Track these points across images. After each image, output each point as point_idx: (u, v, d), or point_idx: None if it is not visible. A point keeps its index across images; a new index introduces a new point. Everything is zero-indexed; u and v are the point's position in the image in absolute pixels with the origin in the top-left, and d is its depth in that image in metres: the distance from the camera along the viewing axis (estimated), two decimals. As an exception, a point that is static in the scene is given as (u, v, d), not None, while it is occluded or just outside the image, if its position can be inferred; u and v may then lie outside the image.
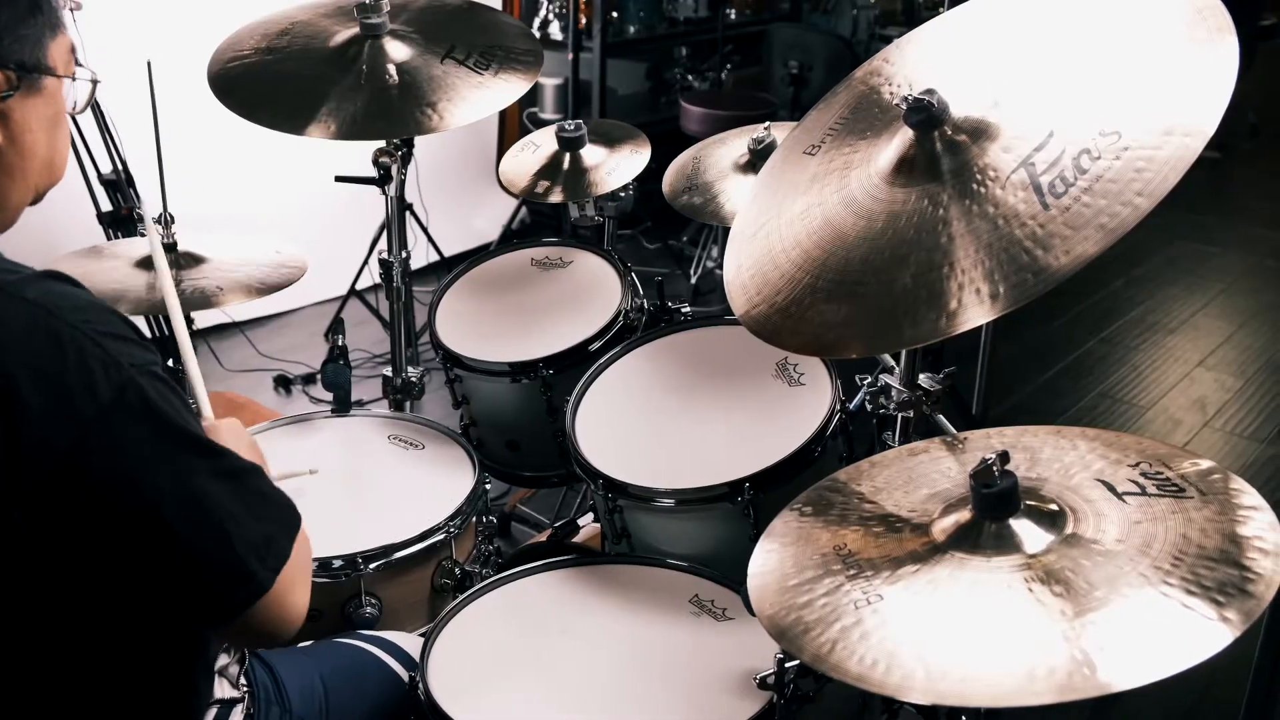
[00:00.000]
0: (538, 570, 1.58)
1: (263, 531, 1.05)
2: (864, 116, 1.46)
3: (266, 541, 1.05)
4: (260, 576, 1.04)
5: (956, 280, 1.18)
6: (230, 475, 1.04)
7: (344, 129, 1.83)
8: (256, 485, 1.07)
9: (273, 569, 1.05)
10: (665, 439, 1.71)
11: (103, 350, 0.97)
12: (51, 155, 1.11)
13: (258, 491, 1.07)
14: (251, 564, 1.03)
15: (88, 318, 0.98)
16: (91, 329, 0.97)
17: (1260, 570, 1.00)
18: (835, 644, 1.05)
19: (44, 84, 1.08)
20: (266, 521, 1.06)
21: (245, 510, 1.04)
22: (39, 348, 0.95)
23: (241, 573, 1.03)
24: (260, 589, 1.04)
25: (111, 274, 1.88)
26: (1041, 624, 1.00)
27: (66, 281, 1.02)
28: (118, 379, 0.96)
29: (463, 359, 1.90)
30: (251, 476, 1.07)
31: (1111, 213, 1.11)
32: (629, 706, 1.35)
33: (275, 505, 1.09)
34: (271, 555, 1.05)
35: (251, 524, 1.04)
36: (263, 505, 1.07)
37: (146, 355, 1.01)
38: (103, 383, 0.96)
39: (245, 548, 1.03)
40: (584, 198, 2.05)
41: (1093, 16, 1.32)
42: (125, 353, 0.99)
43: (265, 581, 1.04)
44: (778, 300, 1.33)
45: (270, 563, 1.05)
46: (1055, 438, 1.28)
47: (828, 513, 1.25)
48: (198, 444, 1.02)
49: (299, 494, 1.71)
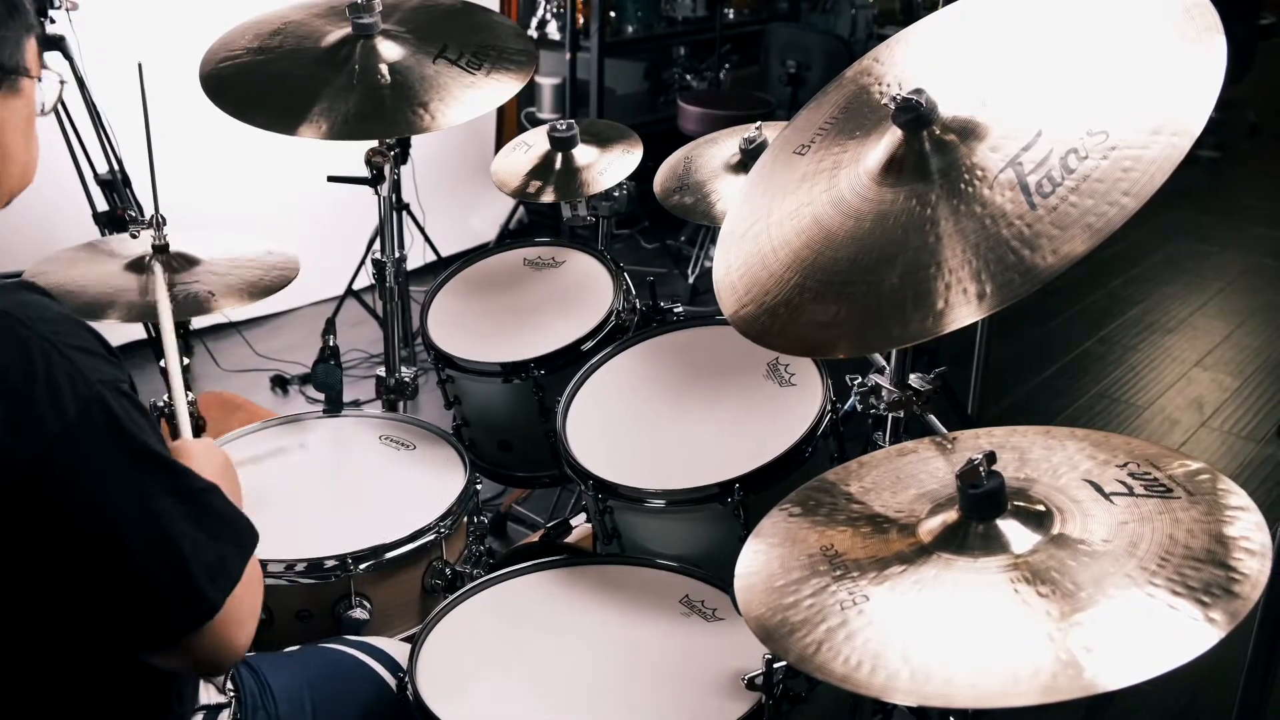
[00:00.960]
0: (528, 571, 1.57)
1: (217, 552, 1.04)
2: (854, 116, 1.46)
3: (220, 561, 1.04)
4: (211, 596, 1.02)
5: (944, 280, 1.17)
6: (189, 495, 1.03)
7: (336, 129, 1.82)
8: (214, 505, 1.06)
9: (223, 590, 1.03)
10: (656, 439, 1.70)
11: (70, 364, 0.96)
12: (27, 158, 1.11)
13: (215, 511, 1.06)
14: (203, 585, 1.02)
15: (58, 330, 0.98)
16: (61, 341, 0.97)
17: (1246, 571, 1.00)
18: (821, 645, 1.04)
19: (21, 85, 1.08)
20: (221, 542, 1.05)
21: (200, 530, 1.02)
22: (7, 358, 0.95)
23: (194, 594, 1.01)
24: (210, 610, 1.02)
25: (104, 277, 1.88)
26: (1027, 624, 1.00)
27: (39, 293, 1.02)
28: (85, 394, 0.96)
29: (454, 359, 1.90)
30: (210, 495, 1.06)
31: (1098, 212, 1.11)
32: (618, 707, 1.35)
33: (231, 526, 1.07)
34: (224, 576, 1.04)
35: (207, 544, 1.03)
36: (219, 526, 1.05)
37: (114, 371, 1.01)
38: (69, 397, 0.95)
39: (199, 569, 1.01)
40: (576, 197, 2.05)
41: (1081, 16, 1.31)
42: (93, 368, 0.98)
43: (216, 602, 1.03)
44: (766, 300, 1.33)
45: (222, 583, 1.03)
46: (1044, 438, 1.27)
47: (816, 513, 1.25)
48: (159, 462, 1.01)
49: (288, 493, 1.74)
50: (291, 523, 1.66)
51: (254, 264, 1.93)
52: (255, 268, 1.92)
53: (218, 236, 2.00)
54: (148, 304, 1.83)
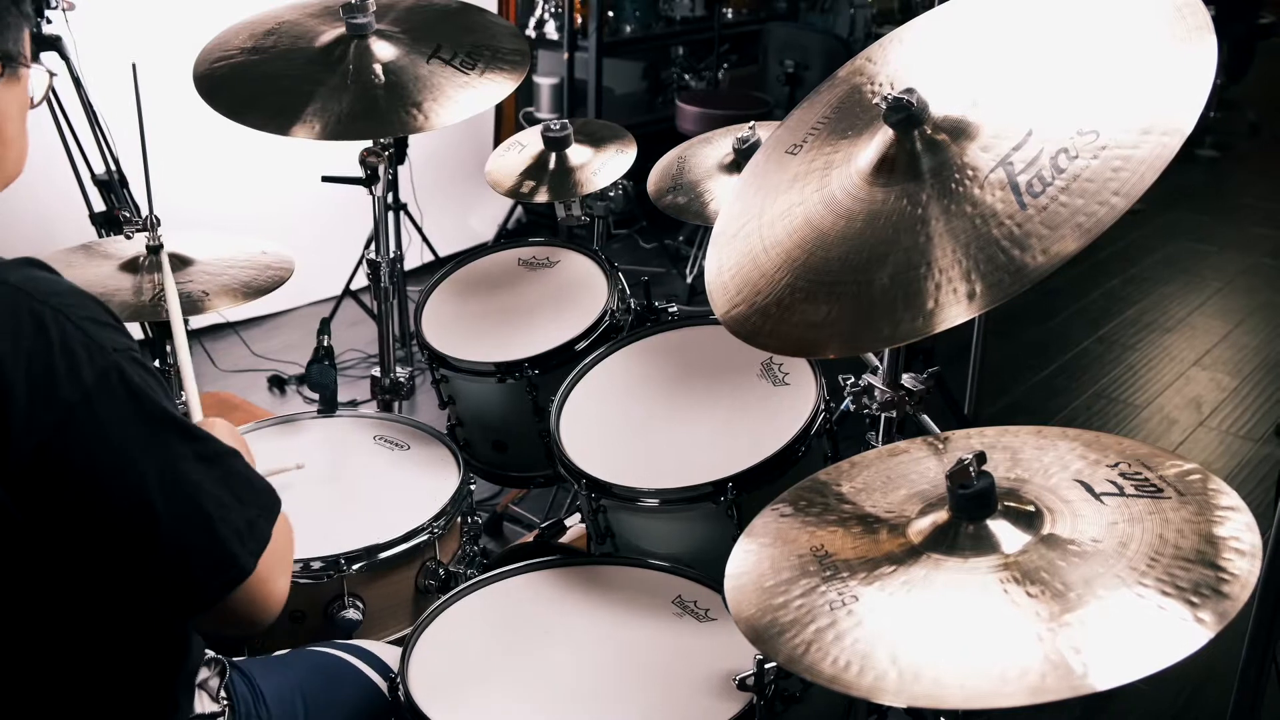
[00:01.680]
0: (521, 571, 1.57)
1: (245, 515, 1.05)
2: (846, 116, 1.46)
3: (249, 525, 1.05)
4: (243, 560, 1.03)
5: (934, 280, 1.17)
6: (212, 459, 1.04)
7: (329, 129, 1.82)
8: (238, 468, 1.07)
9: (254, 552, 1.04)
10: (649, 439, 1.70)
11: (84, 334, 0.97)
12: (22, 145, 1.12)
13: (239, 474, 1.07)
14: (234, 547, 1.03)
15: (69, 302, 0.99)
16: (74, 313, 0.98)
17: (1235, 571, 0.99)
18: (810, 645, 1.04)
19: (20, 74, 1.09)
20: (248, 505, 1.06)
21: (228, 493, 1.03)
22: (23, 330, 0.95)
23: (224, 556, 1.02)
24: (243, 573, 1.03)
25: (99, 278, 1.88)
26: (1017, 625, 1.00)
27: (44, 269, 1.02)
28: (101, 362, 0.97)
29: (448, 359, 1.90)
30: (232, 459, 1.06)
31: (1088, 212, 1.11)
32: (610, 707, 1.35)
33: (256, 489, 1.08)
34: (253, 539, 1.05)
35: (234, 507, 1.03)
36: (245, 489, 1.06)
37: (126, 340, 1.02)
38: (86, 366, 0.96)
39: (228, 531, 1.02)
40: (570, 197, 2.05)
41: (1072, 15, 1.31)
42: (107, 337, 0.99)
43: (248, 565, 1.03)
44: (758, 300, 1.33)
45: (252, 546, 1.04)
46: (1036, 438, 1.27)
47: (806, 513, 1.25)
48: (179, 427, 1.02)
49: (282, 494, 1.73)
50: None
51: (248, 264, 1.93)
52: (250, 268, 1.93)
53: (212, 237, 2.00)
54: (142, 304, 1.83)
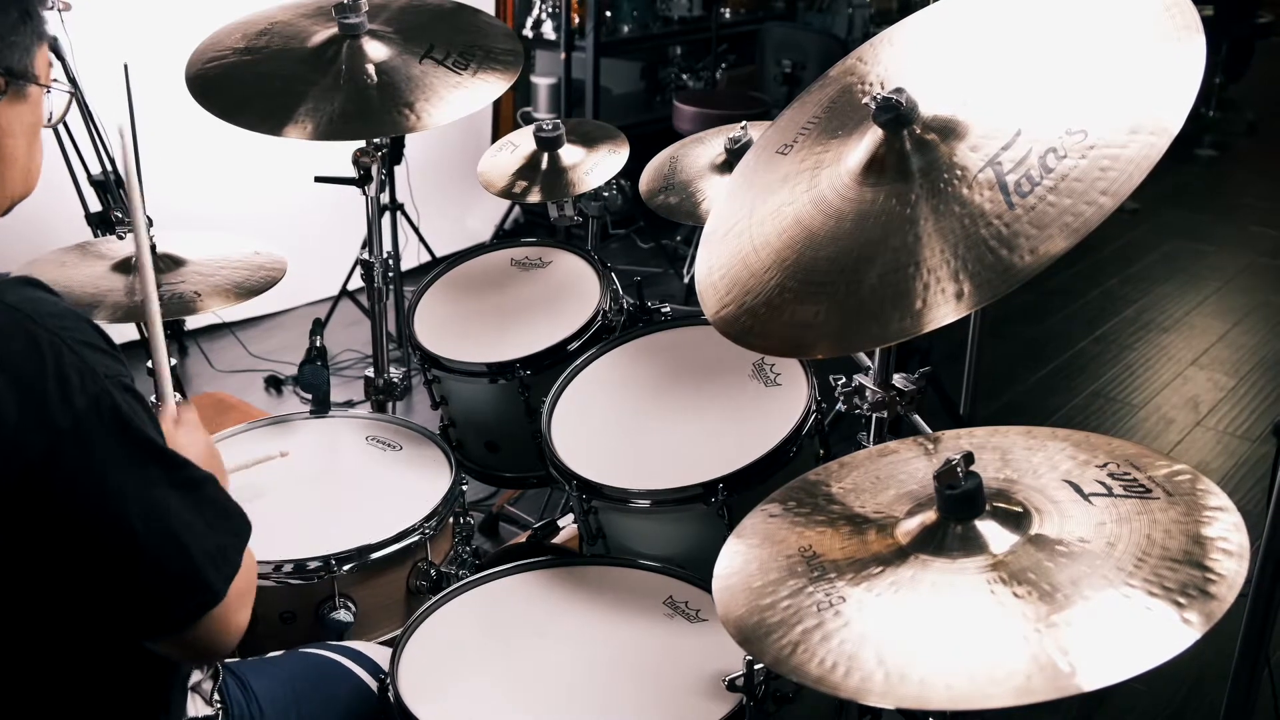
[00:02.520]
0: (512, 572, 1.57)
1: (217, 541, 1.05)
2: (837, 115, 1.45)
3: (221, 551, 1.05)
4: (216, 585, 1.04)
5: (922, 280, 1.17)
6: (190, 485, 1.04)
7: (321, 129, 1.82)
8: (213, 495, 1.08)
9: (227, 578, 1.05)
10: (641, 440, 1.70)
11: (79, 358, 0.97)
12: (29, 164, 1.13)
13: (215, 501, 1.08)
14: (208, 573, 1.03)
15: (65, 325, 0.99)
16: (70, 336, 0.98)
17: (1222, 571, 0.99)
18: (797, 646, 1.04)
19: (28, 91, 1.09)
20: (221, 532, 1.07)
21: (201, 520, 1.04)
22: (18, 352, 0.95)
23: (199, 581, 1.03)
24: (215, 598, 1.04)
25: (91, 278, 1.88)
26: (1003, 625, 0.99)
27: (41, 288, 1.02)
28: (93, 389, 0.97)
29: (440, 359, 1.90)
30: (208, 487, 1.07)
31: (1076, 211, 1.11)
32: (599, 708, 1.35)
33: (229, 516, 1.09)
34: (226, 564, 1.05)
35: (207, 534, 1.04)
36: (218, 516, 1.07)
37: (118, 367, 1.02)
38: (78, 392, 0.96)
39: (202, 557, 1.03)
40: (563, 197, 2.05)
41: (1062, 14, 1.31)
42: (100, 362, 0.99)
43: (220, 590, 1.04)
44: (747, 301, 1.32)
45: (226, 571, 1.05)
46: (1025, 438, 1.27)
47: (795, 514, 1.25)
48: (162, 456, 1.03)
49: (273, 494, 1.73)
50: (276, 524, 1.65)
51: (241, 264, 1.93)
52: (242, 268, 1.92)
53: (205, 237, 1.99)
54: (134, 305, 1.83)
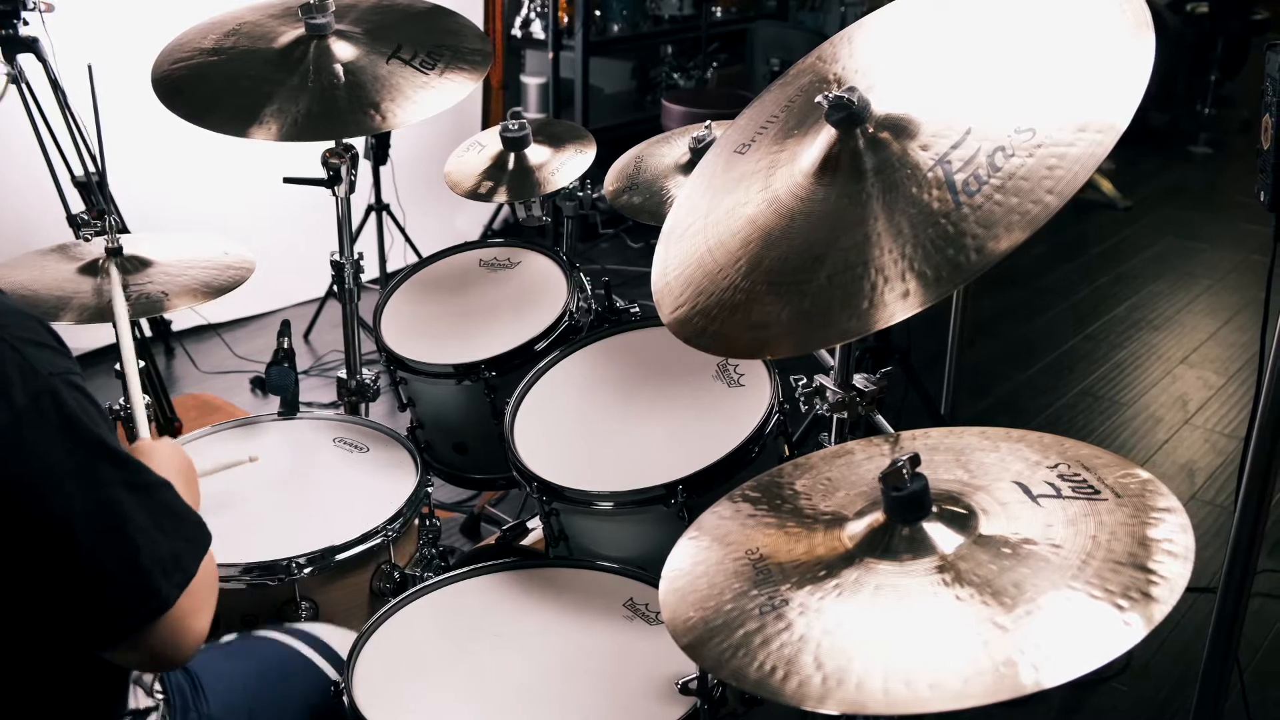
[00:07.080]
0: (474, 574, 1.56)
1: (171, 547, 1.03)
2: (794, 114, 1.45)
3: (174, 558, 1.03)
4: (165, 592, 1.02)
5: (870, 279, 1.16)
6: (142, 488, 1.03)
7: (287, 130, 1.81)
8: (167, 500, 1.06)
9: (178, 585, 1.03)
10: (604, 441, 1.69)
11: (20, 356, 0.96)
12: None
13: (168, 506, 1.05)
14: (157, 579, 1.01)
15: (5, 323, 0.97)
16: (10, 334, 0.97)
17: (1166, 574, 0.98)
18: (737, 650, 1.03)
19: None
20: (175, 538, 1.04)
21: (154, 524, 1.02)
22: None
23: (146, 587, 1.01)
24: (164, 605, 1.02)
25: (58, 281, 1.87)
26: (945, 628, 0.99)
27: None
28: (34, 386, 0.96)
29: (406, 361, 1.89)
30: (163, 490, 1.05)
31: (1022, 210, 1.10)
32: (555, 710, 1.34)
33: (185, 522, 1.07)
34: (178, 571, 1.03)
35: (159, 539, 1.02)
36: (172, 521, 1.05)
37: (65, 363, 1.00)
38: (18, 389, 0.95)
39: (151, 562, 1.01)
40: (530, 197, 2.04)
41: (1017, 11, 1.30)
42: (44, 360, 0.98)
43: (170, 597, 1.02)
44: (700, 302, 1.32)
45: (177, 579, 1.03)
46: (980, 439, 1.26)
47: (747, 515, 1.24)
48: (110, 454, 1.00)
49: (238, 496, 1.72)
50: (240, 526, 1.65)
51: (208, 264, 1.92)
52: (210, 268, 1.91)
53: (174, 238, 1.99)
54: (103, 306, 1.82)
